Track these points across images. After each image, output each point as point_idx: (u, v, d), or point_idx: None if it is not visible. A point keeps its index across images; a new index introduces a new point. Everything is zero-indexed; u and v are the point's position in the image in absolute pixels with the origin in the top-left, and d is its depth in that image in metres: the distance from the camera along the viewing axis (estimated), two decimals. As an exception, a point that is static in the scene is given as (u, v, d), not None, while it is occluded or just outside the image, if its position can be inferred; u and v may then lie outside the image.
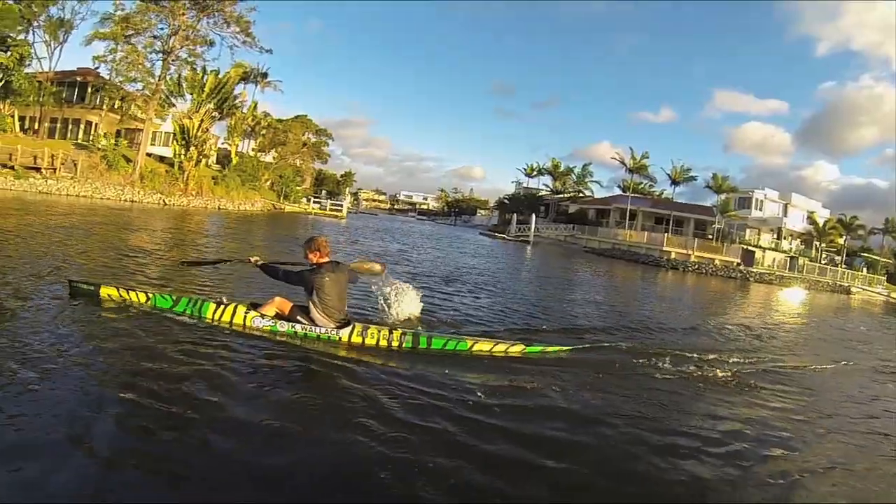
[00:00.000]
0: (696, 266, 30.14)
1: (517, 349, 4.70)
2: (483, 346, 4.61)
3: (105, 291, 4.63)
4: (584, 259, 27.20)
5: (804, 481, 2.92)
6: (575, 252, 33.12)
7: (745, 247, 34.23)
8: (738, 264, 31.52)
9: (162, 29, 25.84)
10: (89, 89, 32.17)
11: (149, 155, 28.57)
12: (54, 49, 29.83)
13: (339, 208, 39.48)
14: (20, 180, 21.96)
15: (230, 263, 4.31)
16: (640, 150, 41.06)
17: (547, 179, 54.16)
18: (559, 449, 2.87)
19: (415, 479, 2.35)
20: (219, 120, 33.56)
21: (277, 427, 2.71)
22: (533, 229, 36.86)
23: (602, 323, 7.28)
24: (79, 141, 29.13)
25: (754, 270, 31.20)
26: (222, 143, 41.38)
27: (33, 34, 27.42)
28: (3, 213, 11.96)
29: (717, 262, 31.31)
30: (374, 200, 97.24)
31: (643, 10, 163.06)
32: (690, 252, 31.72)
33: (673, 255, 31.48)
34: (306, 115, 44.55)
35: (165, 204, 24.23)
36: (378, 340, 4.34)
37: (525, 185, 57.09)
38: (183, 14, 25.43)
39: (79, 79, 31.68)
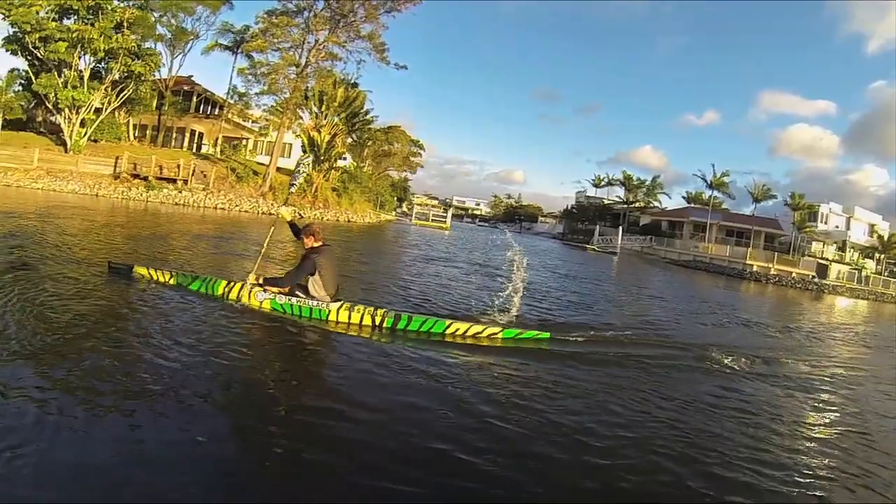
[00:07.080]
0: (777, 278, 33.49)
1: (492, 331, 4.94)
2: (459, 328, 4.87)
3: (138, 271, 5.40)
4: (675, 271, 29.33)
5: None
6: (657, 263, 35.43)
7: (818, 260, 37.42)
8: (813, 276, 34.83)
9: (288, 42, 25.88)
10: (194, 98, 32.69)
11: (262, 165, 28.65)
12: (174, 58, 30.26)
13: (444, 219, 41.44)
14: (153, 191, 21.49)
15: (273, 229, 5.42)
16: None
17: (609, 189, 57.33)
18: (501, 430, 3.04)
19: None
20: (348, 134, 33.13)
21: (273, 388, 3.25)
22: (620, 241, 40.67)
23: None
24: (183, 149, 29.52)
25: (827, 283, 34.34)
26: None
27: (154, 43, 27.03)
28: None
29: (794, 274, 34.70)
30: (427, 206, 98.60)
31: (685, 11, 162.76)
32: (771, 265, 35.18)
33: (755, 268, 34.98)
34: (399, 126, 43.36)
35: (301, 216, 23.68)
36: (363, 317, 4.78)
37: (587, 193, 59.80)
38: (322, 29, 26.03)
39: (185, 88, 31.97)
